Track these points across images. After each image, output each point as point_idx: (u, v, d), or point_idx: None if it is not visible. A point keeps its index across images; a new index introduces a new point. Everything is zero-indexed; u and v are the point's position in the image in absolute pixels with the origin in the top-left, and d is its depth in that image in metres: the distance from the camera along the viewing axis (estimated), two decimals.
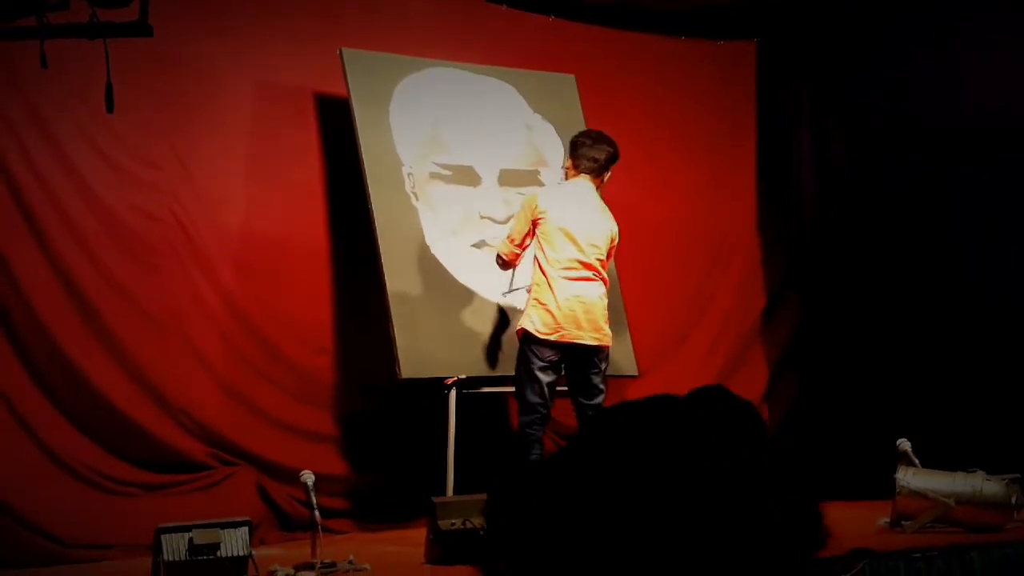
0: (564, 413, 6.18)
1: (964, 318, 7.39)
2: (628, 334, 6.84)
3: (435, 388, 6.24)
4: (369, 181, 6.33)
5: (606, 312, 5.82)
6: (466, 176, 6.72)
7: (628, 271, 7.05)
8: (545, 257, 5.73)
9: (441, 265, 6.48)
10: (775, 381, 7.96)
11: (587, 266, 5.75)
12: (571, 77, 7.22)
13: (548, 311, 5.66)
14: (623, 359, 6.79)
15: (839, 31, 7.99)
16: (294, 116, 6.69)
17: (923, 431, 6.06)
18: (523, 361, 5.74)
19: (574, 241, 5.74)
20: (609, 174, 6.04)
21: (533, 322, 5.69)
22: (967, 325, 7.36)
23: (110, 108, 4.35)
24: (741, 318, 7.95)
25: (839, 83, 8.05)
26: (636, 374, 6.87)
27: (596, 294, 5.77)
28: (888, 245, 7.82)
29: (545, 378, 5.69)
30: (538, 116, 7.02)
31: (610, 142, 5.98)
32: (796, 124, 8.25)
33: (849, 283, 7.95)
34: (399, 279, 6.27)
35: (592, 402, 5.79)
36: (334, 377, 6.68)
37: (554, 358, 5.69)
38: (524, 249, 5.91)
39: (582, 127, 7.07)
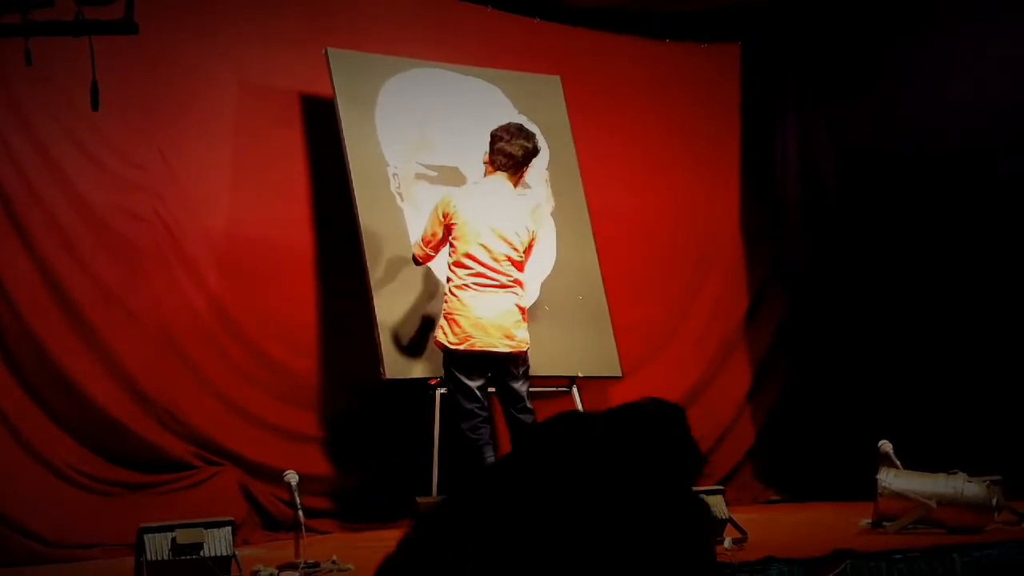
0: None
1: (947, 320, 7.42)
2: (612, 335, 6.85)
3: (419, 388, 6.24)
4: (354, 181, 6.33)
5: (520, 319, 5.70)
6: (451, 176, 6.72)
7: (612, 271, 7.07)
8: (455, 265, 5.66)
9: (425, 266, 6.48)
10: (759, 382, 7.99)
11: (498, 273, 5.65)
12: (556, 78, 7.23)
13: (456, 322, 5.62)
14: (607, 360, 6.80)
15: (823, 34, 8.03)
16: (279, 116, 6.69)
17: (905, 432, 6.09)
18: (448, 371, 5.72)
19: (486, 247, 5.63)
20: (528, 169, 5.89)
21: (445, 334, 5.66)
22: (950, 327, 7.39)
23: (95, 106, 4.34)
24: (725, 318, 7.97)
25: (823, 85, 8.08)
26: (620, 375, 6.88)
27: (507, 305, 5.66)
28: (871, 246, 7.84)
29: (473, 383, 5.66)
30: (523, 117, 7.00)
31: (528, 136, 5.80)
32: (780, 126, 8.29)
33: (833, 284, 7.98)
34: (383, 280, 6.27)
35: (516, 405, 5.74)
36: (318, 377, 6.67)
37: (474, 363, 5.66)
38: (436, 251, 5.80)
39: (567, 128, 7.10)
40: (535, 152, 5.84)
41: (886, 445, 5.70)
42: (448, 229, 5.69)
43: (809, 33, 8.07)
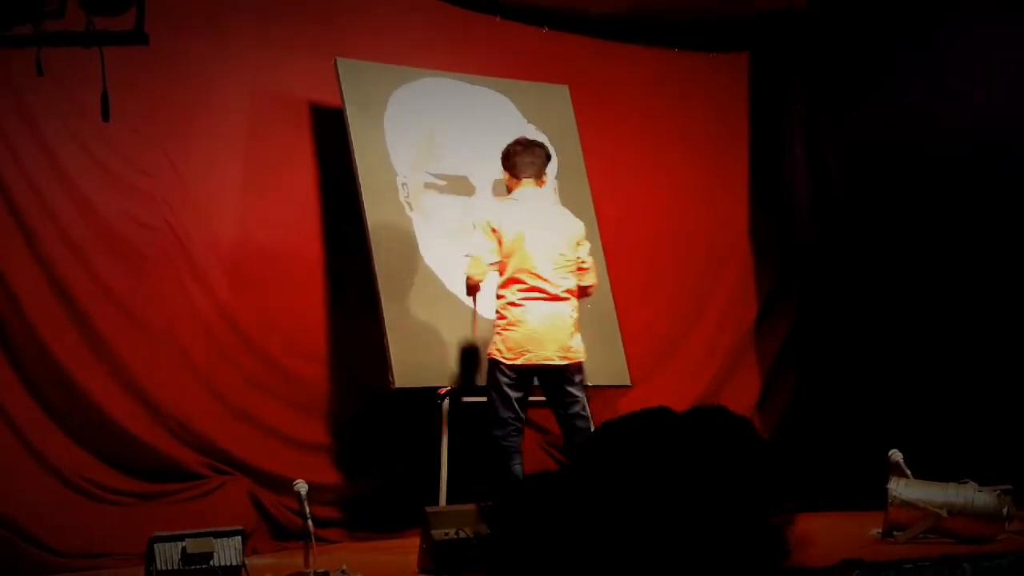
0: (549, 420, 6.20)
1: (957, 328, 7.40)
2: (621, 344, 6.85)
3: (428, 397, 6.24)
4: (363, 190, 6.34)
5: (574, 329, 5.71)
6: (460, 186, 6.73)
7: (621, 280, 7.07)
8: (508, 282, 5.66)
9: (435, 275, 6.49)
10: (768, 390, 7.97)
11: (551, 284, 5.66)
12: (565, 88, 7.24)
13: (511, 336, 5.63)
14: (616, 369, 6.80)
15: (831, 42, 8.02)
16: (289, 125, 6.70)
17: (915, 442, 6.07)
18: (492, 379, 5.71)
19: (536, 258, 5.65)
20: (547, 177, 5.92)
21: (500, 349, 5.66)
22: (960, 335, 7.38)
23: (106, 117, 4.36)
24: (734, 326, 7.96)
25: (831, 93, 8.08)
26: (629, 384, 6.88)
27: (562, 313, 5.68)
28: (881, 254, 7.83)
29: (515, 394, 5.67)
30: (532, 127, 7.04)
31: (540, 144, 5.87)
32: (789, 134, 8.29)
33: (842, 292, 7.97)
34: (393, 288, 6.27)
35: (571, 411, 5.75)
36: (327, 386, 6.67)
37: (524, 376, 5.67)
38: (492, 268, 5.75)
39: (576, 138, 7.11)
40: (550, 156, 5.91)
41: (896, 454, 5.69)
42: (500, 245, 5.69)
43: (816, 41, 8.07)
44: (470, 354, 6.39)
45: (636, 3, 7.67)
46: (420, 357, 6.24)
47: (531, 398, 5.84)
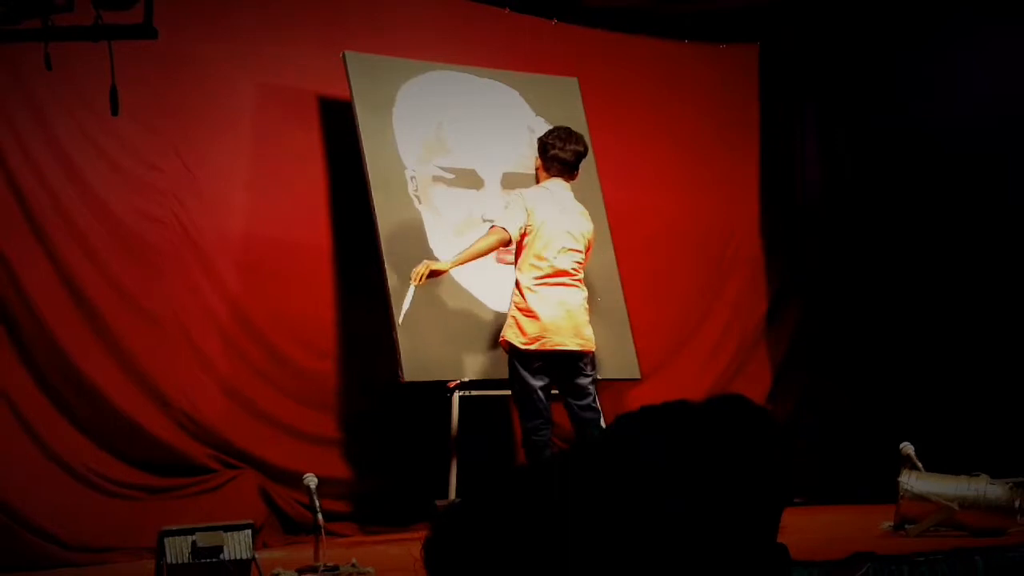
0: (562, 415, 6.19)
1: (968, 321, 7.37)
2: (631, 337, 6.83)
3: (437, 391, 6.24)
4: (372, 184, 6.34)
5: (587, 317, 5.80)
6: (469, 179, 6.72)
7: (631, 274, 7.05)
8: (528, 266, 5.70)
9: (446, 271, 6.47)
10: (778, 385, 7.95)
11: (566, 273, 5.73)
12: (574, 80, 7.22)
13: (530, 319, 5.65)
14: (626, 362, 6.79)
15: (842, 34, 7.99)
16: (297, 119, 6.69)
17: (927, 434, 6.05)
18: (514, 371, 5.73)
19: (553, 246, 5.70)
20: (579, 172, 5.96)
21: (516, 334, 5.68)
22: (971, 328, 7.35)
23: (115, 111, 4.35)
24: (744, 321, 7.94)
25: (842, 85, 8.05)
26: (639, 377, 6.86)
27: (577, 300, 5.75)
28: (892, 248, 7.81)
29: (538, 383, 5.69)
30: (541, 119, 7.02)
31: (578, 139, 5.91)
32: (799, 126, 8.26)
33: (852, 286, 7.95)
34: (402, 282, 6.26)
35: (582, 403, 5.78)
36: (337, 380, 6.68)
37: (541, 364, 5.69)
38: (517, 240, 5.71)
39: (585, 130, 7.07)
40: (586, 153, 5.96)
41: (908, 447, 5.67)
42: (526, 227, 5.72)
43: (829, 34, 8.04)
44: (479, 348, 6.38)
45: None
46: (429, 351, 6.23)
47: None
